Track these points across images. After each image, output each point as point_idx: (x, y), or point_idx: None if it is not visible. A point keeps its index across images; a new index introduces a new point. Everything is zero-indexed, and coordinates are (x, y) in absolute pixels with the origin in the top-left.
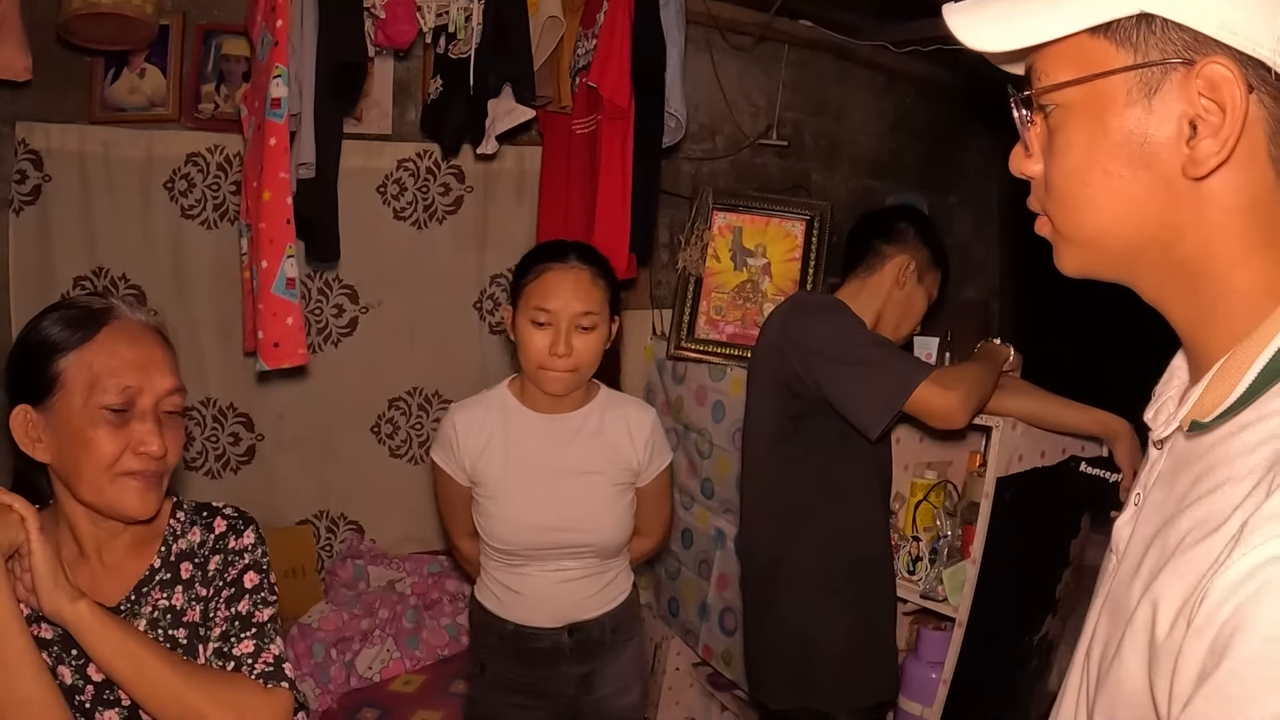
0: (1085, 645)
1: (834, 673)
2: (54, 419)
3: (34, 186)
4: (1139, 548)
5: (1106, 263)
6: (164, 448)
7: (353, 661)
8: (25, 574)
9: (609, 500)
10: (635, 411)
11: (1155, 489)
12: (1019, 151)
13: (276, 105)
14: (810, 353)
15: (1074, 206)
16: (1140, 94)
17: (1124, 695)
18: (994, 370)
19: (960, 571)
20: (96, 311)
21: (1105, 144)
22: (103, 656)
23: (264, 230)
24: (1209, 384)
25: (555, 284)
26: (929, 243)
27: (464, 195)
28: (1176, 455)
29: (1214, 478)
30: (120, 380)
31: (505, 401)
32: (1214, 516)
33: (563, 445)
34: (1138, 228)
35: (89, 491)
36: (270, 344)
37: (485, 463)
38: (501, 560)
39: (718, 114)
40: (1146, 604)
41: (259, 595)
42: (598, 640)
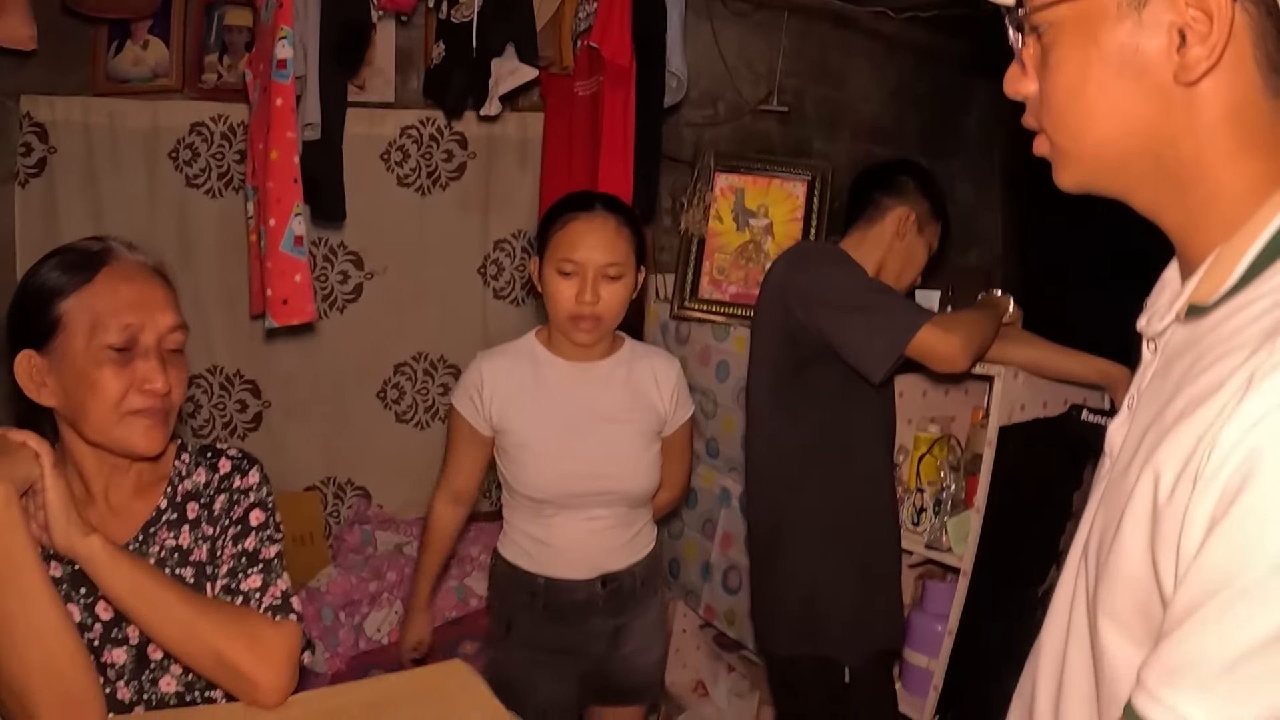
0: (1081, 547)
1: (841, 620)
2: (58, 362)
3: (39, 159)
4: (1135, 438)
5: (1103, 174)
6: (168, 384)
7: (361, 624)
8: (39, 511)
9: (640, 448)
10: (661, 362)
11: (1149, 387)
12: (1014, 72)
13: (282, 66)
14: (813, 299)
15: (1071, 119)
16: (1130, 8)
17: (1125, 578)
18: (995, 318)
19: (964, 521)
20: (95, 254)
21: (1098, 57)
22: (115, 591)
23: (271, 189)
24: (1206, 272)
25: (581, 234)
26: (929, 194)
27: (467, 162)
28: (1170, 351)
29: (1211, 355)
30: (122, 319)
31: (534, 350)
32: (1212, 384)
33: (594, 393)
34: (1133, 136)
35: (96, 431)
36: (279, 301)
37: (516, 410)
38: (531, 511)
39: (718, 81)
40: (1146, 478)
41: (265, 533)
42: (629, 591)
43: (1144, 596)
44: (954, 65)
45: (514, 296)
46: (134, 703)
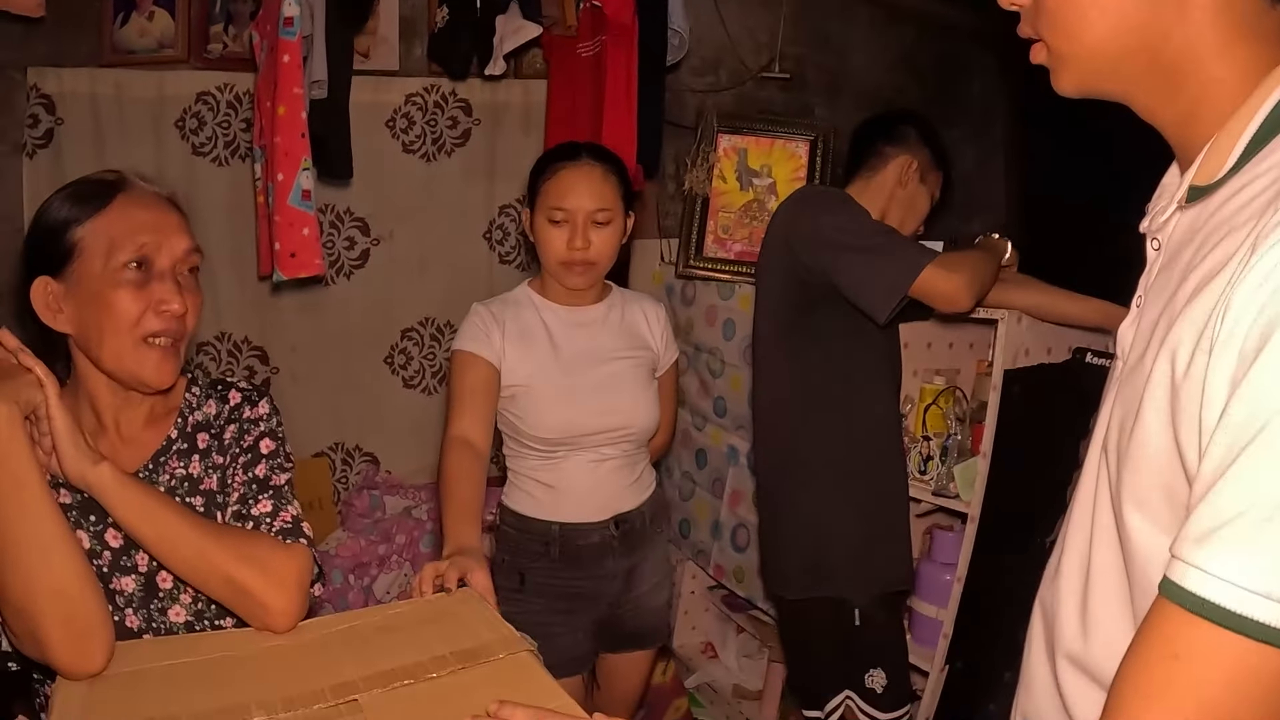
0: (1099, 444)
1: (849, 559)
2: (74, 287)
3: (46, 130)
4: (1145, 331)
5: (1100, 75)
6: (184, 306)
7: (370, 586)
8: (45, 437)
9: (642, 384)
10: (649, 304)
11: (1155, 283)
12: None
13: (289, 24)
14: (818, 240)
15: (1066, 20)
16: None
17: (1149, 461)
18: (994, 261)
19: (971, 467)
20: (109, 183)
21: None
22: (125, 518)
23: (279, 144)
24: (1204, 157)
25: (570, 182)
26: (930, 143)
27: (472, 128)
28: (1174, 242)
29: (1216, 236)
30: (138, 239)
31: (530, 298)
32: (1220, 260)
33: (592, 333)
34: (1127, 34)
35: (111, 357)
36: (287, 254)
37: (521, 353)
38: (541, 455)
39: (720, 48)
40: (1163, 360)
41: (275, 460)
42: (640, 531)
43: (1169, 478)
44: (956, 33)
45: (520, 261)
46: (142, 630)
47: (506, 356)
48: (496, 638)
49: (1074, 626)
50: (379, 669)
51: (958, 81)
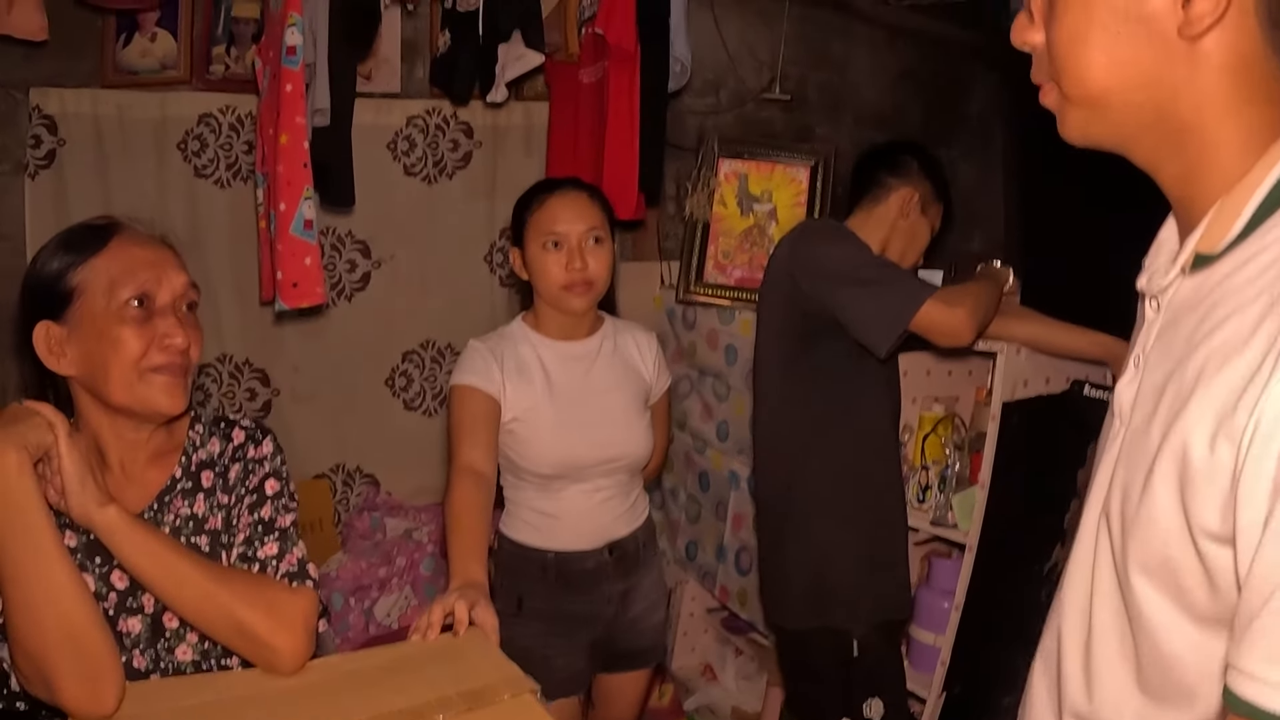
0: (1099, 506)
1: (849, 590)
2: (77, 328)
3: (49, 150)
4: (1150, 396)
5: (1106, 125)
6: (187, 340)
7: (371, 609)
8: (55, 477)
9: (635, 415)
10: (641, 334)
11: (1155, 345)
12: (1022, 21)
13: (292, 53)
14: (819, 273)
15: (1076, 65)
16: None
17: (1158, 534)
18: (996, 290)
19: (969, 497)
20: (102, 227)
21: (1105, 6)
22: (132, 560)
23: (282, 173)
24: (1209, 223)
25: (559, 207)
26: (932, 175)
27: (473, 150)
28: (1175, 306)
29: (1223, 309)
30: (138, 276)
31: (525, 334)
32: (1231, 340)
33: (589, 367)
34: (1136, 87)
35: (119, 392)
36: (289, 284)
37: (519, 388)
38: (539, 487)
39: (721, 68)
40: (1175, 438)
41: (280, 501)
42: (634, 555)
43: (1176, 551)
44: (956, 50)
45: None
46: (150, 671)
47: (505, 391)
48: (501, 678)
49: (1078, 684)
50: (385, 710)
51: (957, 99)
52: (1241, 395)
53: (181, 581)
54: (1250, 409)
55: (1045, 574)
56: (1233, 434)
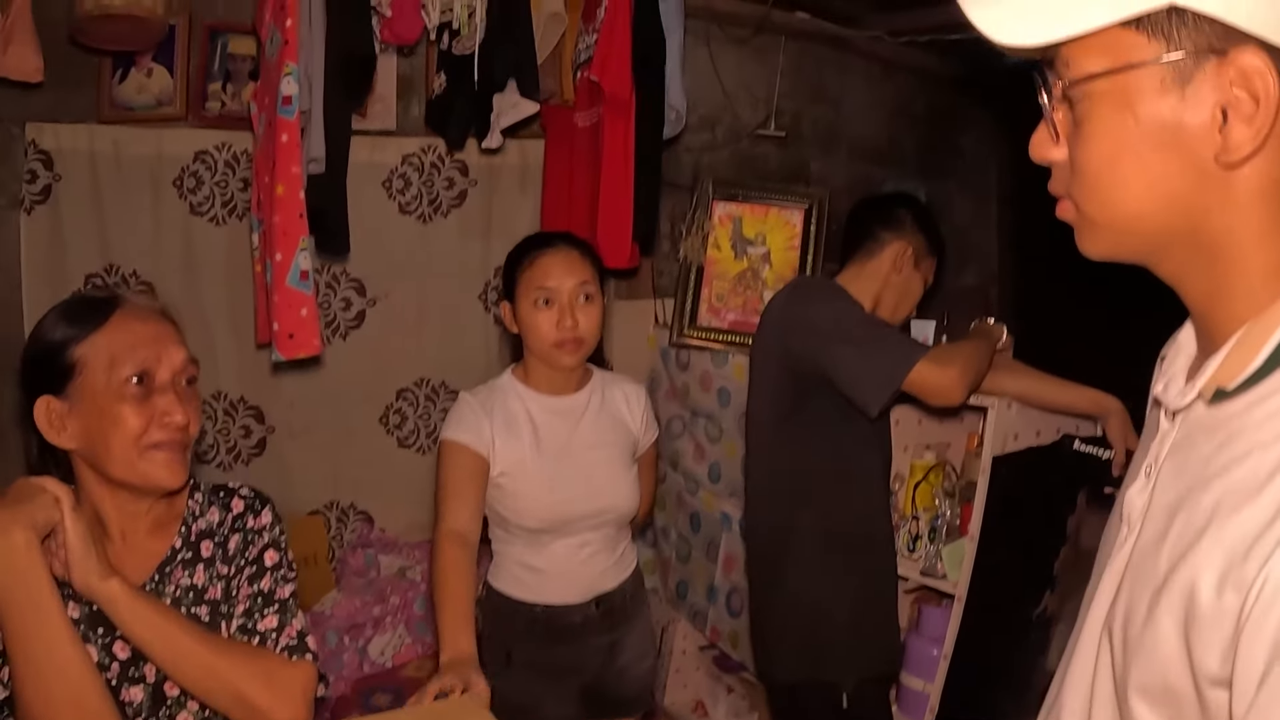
0: (1102, 618)
1: (840, 643)
2: (78, 403)
3: (45, 186)
4: (1161, 516)
5: (1132, 245)
6: (187, 417)
7: (365, 647)
8: (60, 550)
9: (623, 469)
10: (631, 387)
11: (1170, 459)
12: (1042, 137)
13: (288, 103)
14: (811, 333)
15: (1104, 192)
16: (1174, 83)
17: (1160, 660)
18: (989, 348)
19: (959, 548)
20: (104, 300)
21: (1138, 131)
22: (135, 632)
23: (278, 224)
24: (1229, 353)
25: (550, 264)
26: (926, 229)
27: (468, 189)
28: (1191, 425)
29: (1239, 445)
30: (138, 353)
31: (515, 388)
32: (1247, 482)
33: (577, 422)
34: (1167, 212)
35: (119, 468)
36: (285, 335)
37: (508, 443)
38: (526, 541)
39: (716, 105)
40: (1184, 572)
41: (279, 572)
42: (620, 608)
43: (1176, 680)
44: (950, 85)
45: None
46: None
47: (495, 447)
48: None
49: None
50: None
51: (952, 133)
52: (1254, 545)
53: (183, 653)
54: (1261, 562)
55: (1035, 620)
56: (1241, 584)
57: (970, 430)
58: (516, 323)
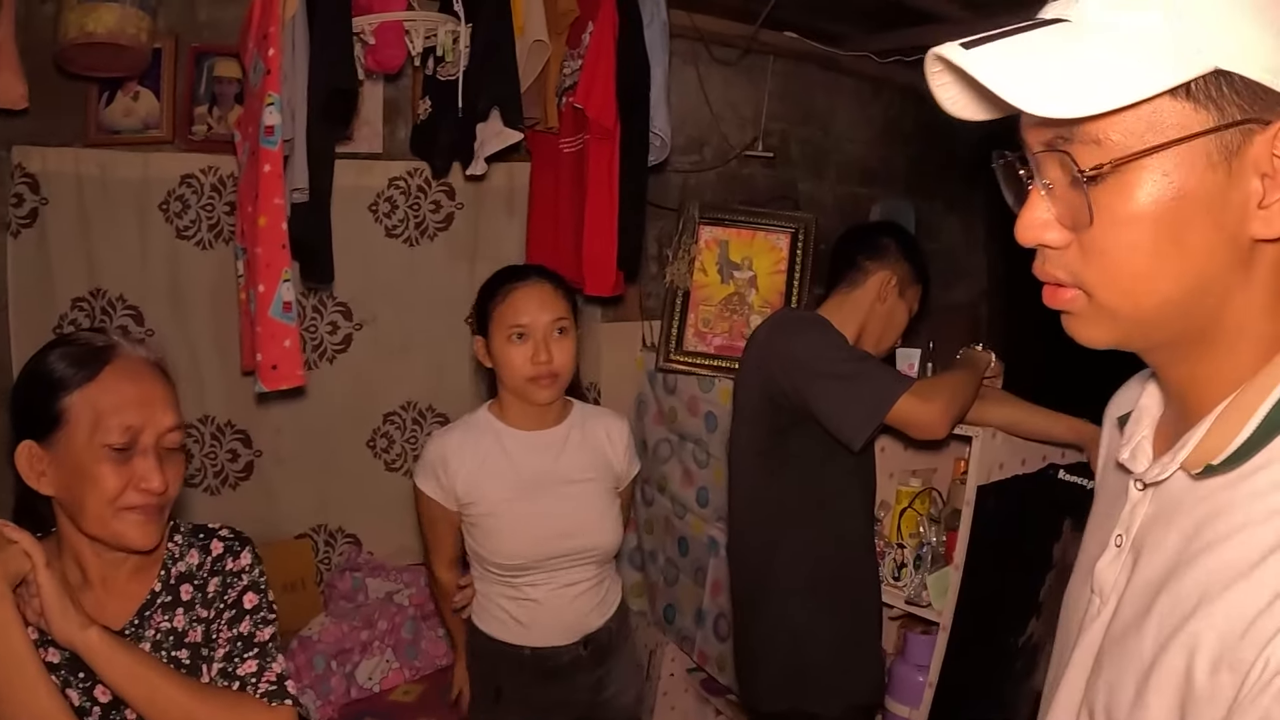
0: (1078, 697)
1: (823, 674)
2: (58, 454)
3: (31, 209)
4: (1142, 594)
5: (1143, 333)
6: (165, 484)
7: (353, 672)
8: (34, 598)
9: (605, 504)
10: (613, 421)
11: (1145, 532)
12: (1037, 219)
13: (270, 133)
14: (794, 366)
15: (1136, 280)
16: (1221, 157)
17: None
18: (975, 378)
19: (944, 577)
20: (100, 349)
21: (1181, 212)
22: (114, 679)
23: (260, 255)
24: (1213, 426)
25: (524, 299)
26: (910, 258)
27: (455, 212)
28: (1167, 498)
29: (1227, 522)
30: (123, 419)
31: (490, 424)
32: (1238, 561)
33: (556, 457)
34: (1198, 295)
35: (93, 524)
36: (269, 366)
37: (480, 484)
38: (507, 580)
39: (704, 126)
40: (1175, 654)
41: (259, 615)
42: (607, 644)
43: None
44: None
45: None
46: None
47: (463, 490)
48: None
49: None
50: None
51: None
52: (1250, 626)
53: (163, 700)
54: (1260, 646)
55: (1021, 646)
56: (1237, 665)
57: (957, 456)
58: (490, 358)
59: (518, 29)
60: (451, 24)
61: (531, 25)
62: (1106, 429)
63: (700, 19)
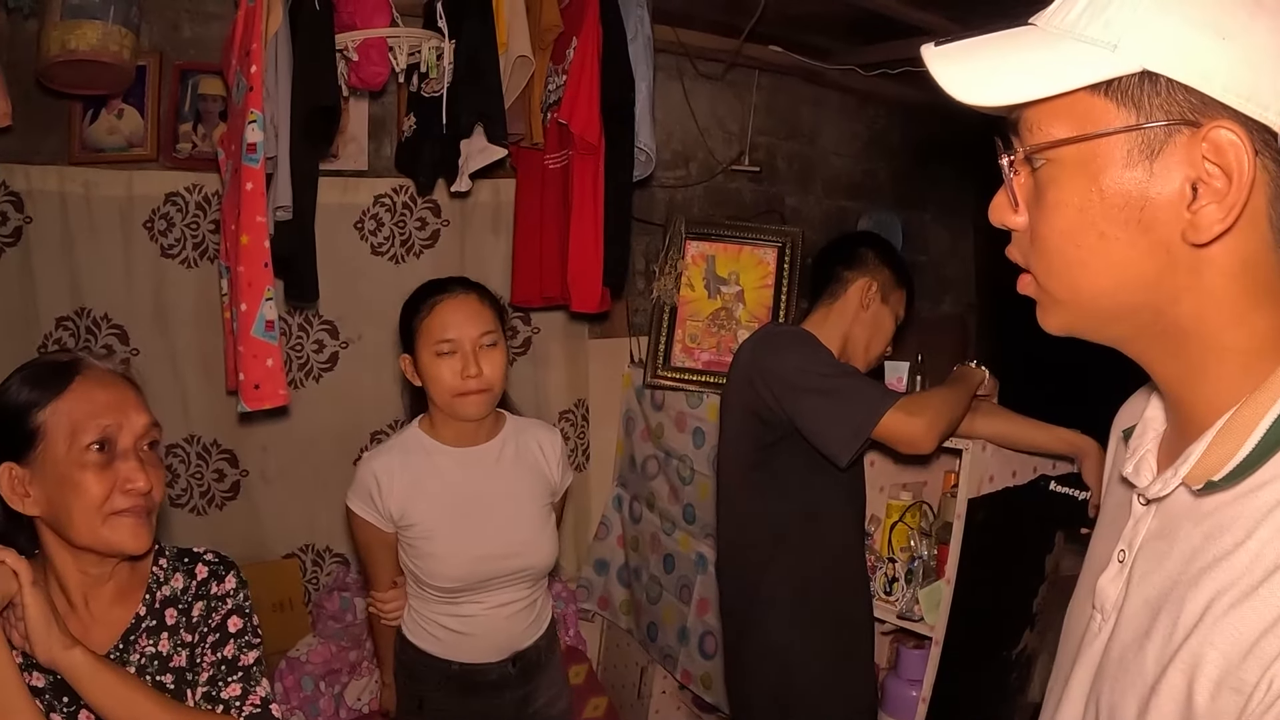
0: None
1: (815, 690)
2: (40, 470)
3: (15, 228)
4: (1142, 612)
5: (1095, 324)
6: (150, 483)
7: (341, 693)
8: (20, 622)
9: (541, 520)
10: (545, 433)
11: (1147, 548)
12: (1002, 201)
13: (252, 150)
14: (780, 383)
15: (1066, 267)
16: (1141, 155)
17: None
18: (965, 394)
19: (936, 591)
20: (65, 365)
21: (1101, 205)
22: (98, 701)
23: (243, 274)
24: (1213, 441)
25: (450, 312)
26: (890, 263)
27: (440, 229)
28: (1169, 514)
29: (1230, 537)
30: (100, 420)
31: (421, 442)
32: (1242, 580)
33: (488, 474)
34: (1133, 291)
35: (83, 534)
36: (251, 386)
37: (414, 504)
38: (441, 599)
39: (690, 141)
40: (1176, 674)
41: (243, 639)
42: (535, 662)
43: None
44: (925, 115)
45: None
46: None
47: (398, 512)
48: None
49: None
50: None
51: (927, 163)
52: (1254, 647)
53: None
54: (1264, 666)
55: (1014, 659)
56: (1240, 686)
57: (947, 469)
58: (418, 375)
59: (501, 45)
60: (435, 40)
61: (515, 41)
62: (1112, 442)
63: (685, 34)
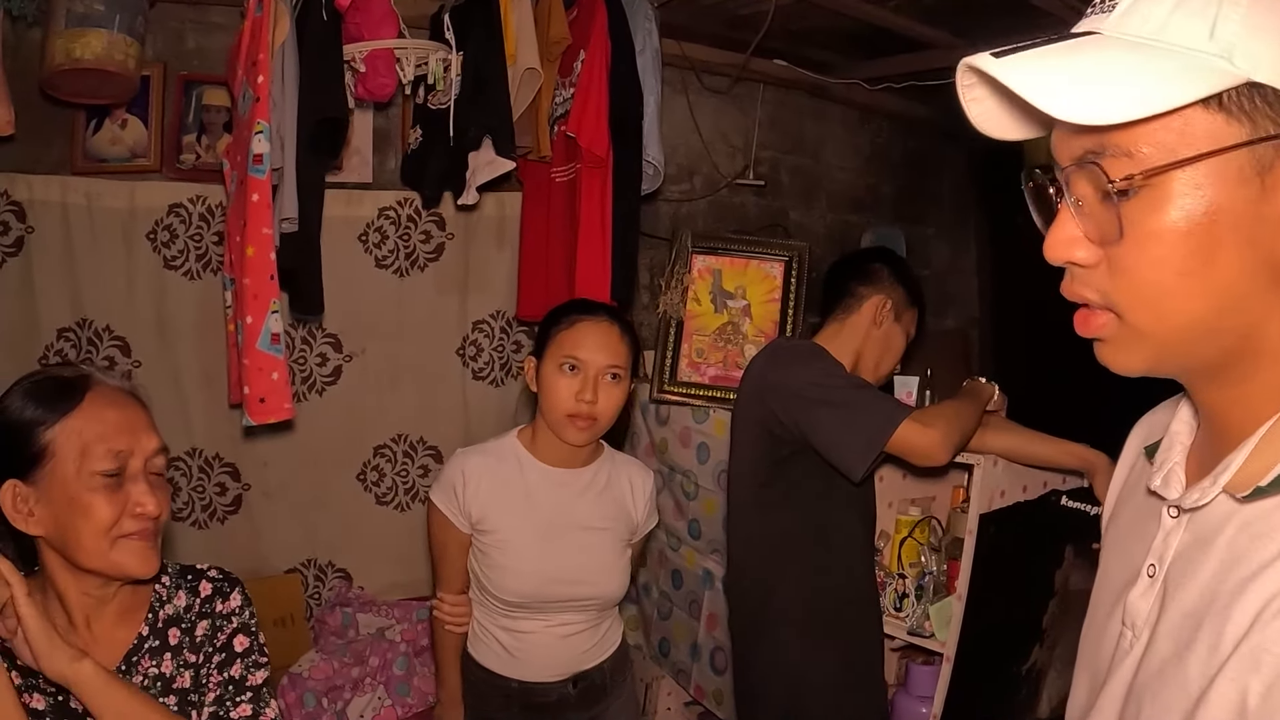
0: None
1: (824, 707)
2: (46, 490)
3: (17, 238)
4: (1182, 625)
5: (1178, 355)
6: (159, 507)
7: (344, 710)
8: (15, 635)
9: (615, 554)
10: (638, 472)
11: (1180, 560)
12: (1067, 235)
13: (259, 161)
14: (792, 397)
15: (1165, 298)
16: (1253, 171)
17: None
18: (976, 407)
19: (946, 607)
20: (74, 380)
21: (1212, 227)
22: (106, 715)
23: (248, 286)
24: (1256, 448)
25: (587, 333)
26: (904, 281)
27: (445, 242)
28: (1204, 524)
29: (1271, 546)
30: (112, 445)
31: (517, 452)
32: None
33: (575, 499)
34: (1228, 314)
35: (90, 557)
36: (256, 399)
37: (497, 511)
38: (503, 613)
39: (695, 155)
40: (1226, 685)
41: (250, 658)
42: (599, 686)
43: None
44: (928, 130)
45: (493, 377)
46: None
47: (478, 514)
48: None
49: None
50: None
51: (930, 178)
52: None
53: None
54: None
55: (1024, 675)
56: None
57: (955, 484)
58: (537, 382)
59: (509, 57)
60: (443, 52)
61: (523, 53)
62: (1129, 456)
63: (690, 47)
